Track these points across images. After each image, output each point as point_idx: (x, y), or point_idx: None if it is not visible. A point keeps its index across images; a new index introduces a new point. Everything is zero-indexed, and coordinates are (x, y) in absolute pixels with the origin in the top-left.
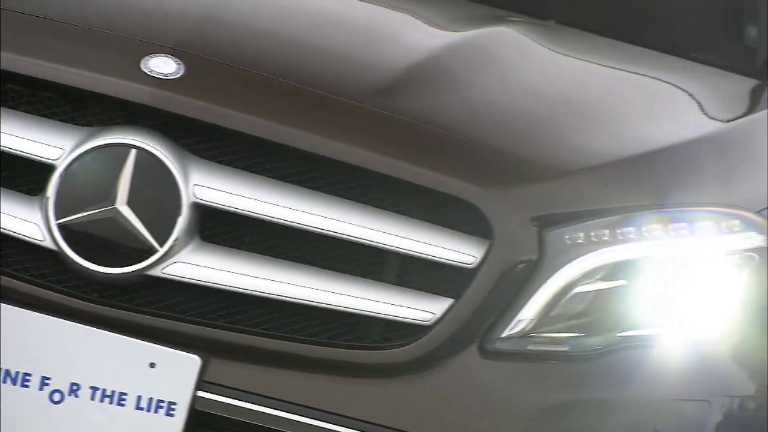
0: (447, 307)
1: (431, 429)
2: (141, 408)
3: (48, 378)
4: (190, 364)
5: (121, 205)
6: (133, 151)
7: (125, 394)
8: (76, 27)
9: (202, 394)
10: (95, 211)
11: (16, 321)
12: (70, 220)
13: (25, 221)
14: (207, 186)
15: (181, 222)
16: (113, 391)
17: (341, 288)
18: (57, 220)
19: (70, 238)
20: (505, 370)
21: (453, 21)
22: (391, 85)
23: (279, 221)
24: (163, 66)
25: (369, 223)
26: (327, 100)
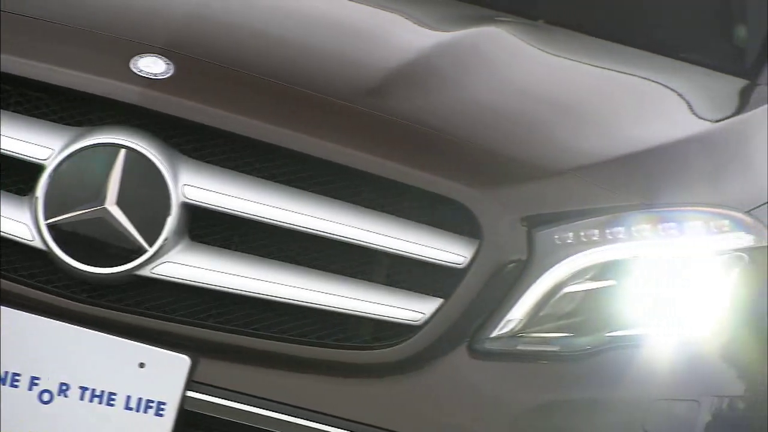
0: (436, 307)
1: (421, 429)
2: (130, 408)
3: (37, 378)
4: (179, 364)
5: (111, 205)
6: (123, 151)
7: (114, 394)
8: (65, 27)
9: (191, 394)
10: (84, 211)
11: (5, 321)
12: (59, 220)
13: (14, 221)
14: (196, 186)
15: (171, 222)
16: (103, 391)
17: (331, 288)
18: (46, 220)
19: (59, 238)
20: (495, 370)
21: (442, 21)
22: (381, 85)
23: (269, 221)
24: (153, 66)
25: (358, 223)
26: (317, 100)
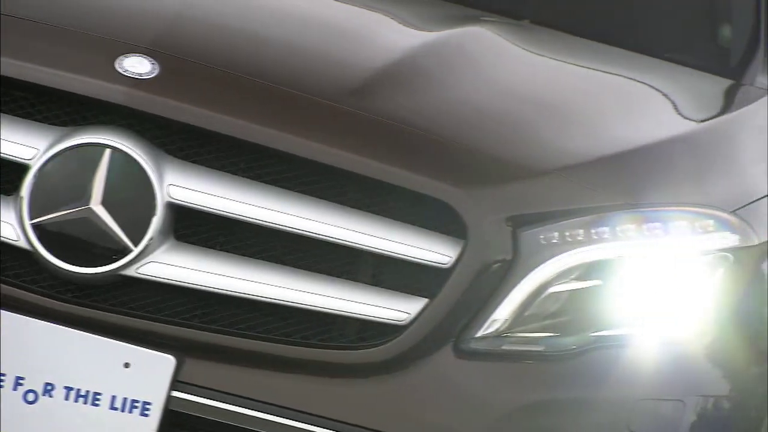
0: (422, 307)
1: (406, 429)
2: (115, 408)
3: (22, 378)
4: (164, 364)
5: (96, 205)
6: (108, 151)
7: (99, 394)
8: (50, 27)
9: (176, 394)
10: (70, 211)
11: None
12: (44, 219)
13: None
14: (182, 186)
15: (156, 222)
16: (87, 391)
17: (316, 288)
18: (31, 220)
19: (44, 238)
20: (480, 369)
21: (428, 21)
22: (367, 85)
23: (254, 221)
24: (138, 66)
25: (344, 223)
26: (302, 100)
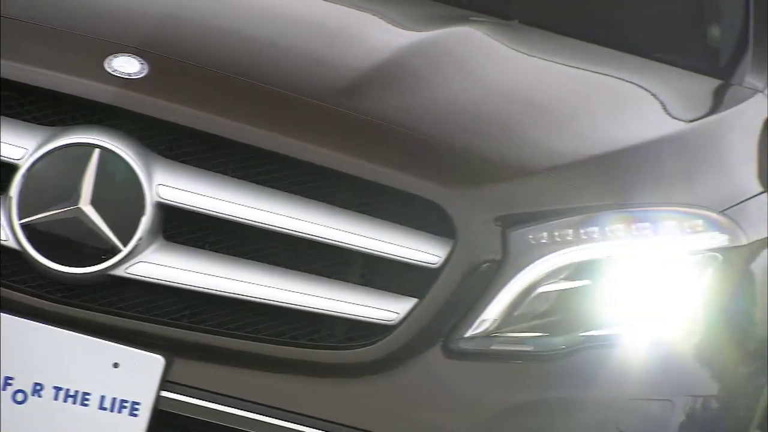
0: (411, 307)
1: (395, 429)
2: (104, 408)
3: (11, 378)
4: (153, 364)
5: (85, 205)
6: (97, 151)
7: (89, 394)
8: (39, 26)
9: (165, 394)
10: (59, 211)
11: None
12: (33, 219)
13: None
14: (171, 186)
15: (145, 222)
16: (77, 391)
17: (305, 288)
18: (20, 219)
19: (33, 237)
20: (469, 369)
21: (417, 21)
22: (355, 85)
23: (243, 221)
24: (127, 66)
25: (333, 223)
26: (291, 99)
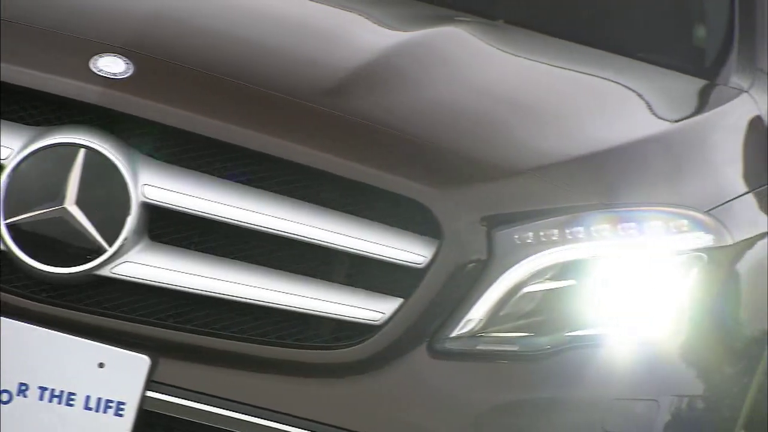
0: (396, 307)
1: (381, 428)
2: (90, 408)
3: None
4: (139, 364)
5: (70, 205)
6: (82, 151)
7: (74, 394)
8: (24, 26)
9: (151, 394)
10: (44, 211)
11: None
12: (18, 219)
13: None
14: (156, 186)
15: (130, 222)
16: (62, 392)
17: (291, 288)
18: (5, 219)
19: (18, 237)
20: (455, 369)
21: (403, 21)
22: (342, 85)
23: (228, 221)
24: (112, 65)
25: (319, 223)
26: (277, 100)
